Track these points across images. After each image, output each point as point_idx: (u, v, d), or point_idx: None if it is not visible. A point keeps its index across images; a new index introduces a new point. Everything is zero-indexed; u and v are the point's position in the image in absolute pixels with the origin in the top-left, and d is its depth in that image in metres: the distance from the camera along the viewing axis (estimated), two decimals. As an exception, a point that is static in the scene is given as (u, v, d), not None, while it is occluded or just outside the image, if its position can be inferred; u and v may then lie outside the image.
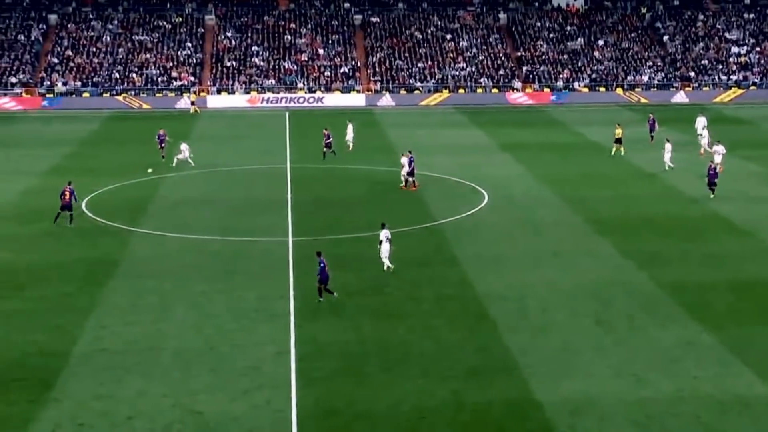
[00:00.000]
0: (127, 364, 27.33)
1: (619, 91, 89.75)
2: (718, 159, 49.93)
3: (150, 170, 50.77)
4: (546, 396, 25.18)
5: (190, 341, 29.13)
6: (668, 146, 54.15)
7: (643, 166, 56.14)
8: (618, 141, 59.20)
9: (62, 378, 26.29)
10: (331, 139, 59.19)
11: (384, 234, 35.74)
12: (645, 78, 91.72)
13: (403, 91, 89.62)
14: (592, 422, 23.71)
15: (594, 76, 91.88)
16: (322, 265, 32.13)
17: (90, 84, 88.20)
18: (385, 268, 35.55)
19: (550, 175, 53.39)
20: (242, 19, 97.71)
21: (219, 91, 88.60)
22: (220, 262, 37.50)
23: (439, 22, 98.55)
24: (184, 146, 57.07)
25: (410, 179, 49.81)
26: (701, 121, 62.06)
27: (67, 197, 42.60)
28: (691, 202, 46.31)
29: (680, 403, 24.68)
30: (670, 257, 37.70)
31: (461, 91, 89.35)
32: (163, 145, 60.20)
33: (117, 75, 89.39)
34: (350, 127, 62.38)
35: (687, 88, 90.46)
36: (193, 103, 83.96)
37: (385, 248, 35.57)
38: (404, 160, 50.01)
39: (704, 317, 30.86)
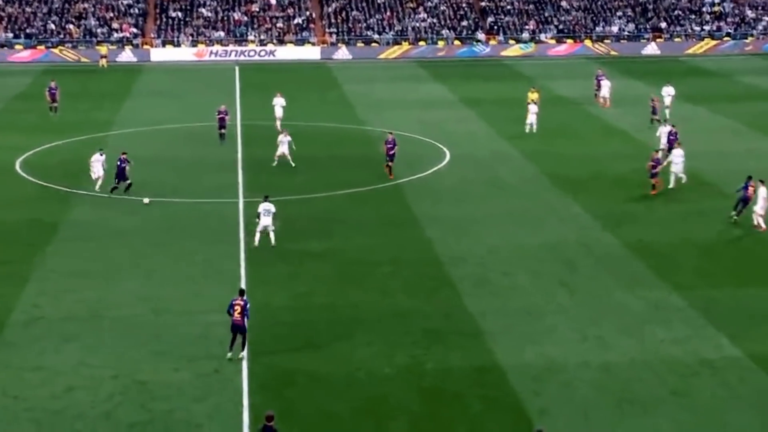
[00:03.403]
0: (66, 333, 27.19)
1: (588, 42, 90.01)
2: (663, 141, 46.43)
3: (146, 201, 39.72)
4: (509, 361, 25.49)
5: (134, 308, 29.05)
6: (531, 107, 53.59)
7: (612, 123, 56.52)
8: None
9: (-3, 349, 26.14)
10: (228, 116, 51.80)
11: (264, 207, 34.09)
12: (615, 29, 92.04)
13: (360, 44, 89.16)
14: (556, 387, 24.07)
15: (561, 27, 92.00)
16: (230, 306, 25.38)
17: (23, 36, 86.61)
18: (257, 243, 33.88)
19: (515, 131, 53.56)
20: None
21: (164, 44, 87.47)
22: (166, 224, 37.31)
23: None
24: (97, 158, 42.47)
25: (391, 164, 43.83)
26: (668, 91, 57.60)
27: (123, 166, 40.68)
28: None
29: (646, 367, 25.10)
30: (637, 217, 38.14)
31: (422, 43, 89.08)
32: (55, 99, 58.89)
33: (53, 26, 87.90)
34: (279, 101, 54.53)
35: (658, 40, 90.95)
36: (103, 56, 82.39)
37: (264, 221, 33.91)
38: (283, 138, 45.86)
39: (673, 279, 31.32)
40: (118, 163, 40.77)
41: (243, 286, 30.58)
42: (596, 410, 22.94)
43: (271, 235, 34.12)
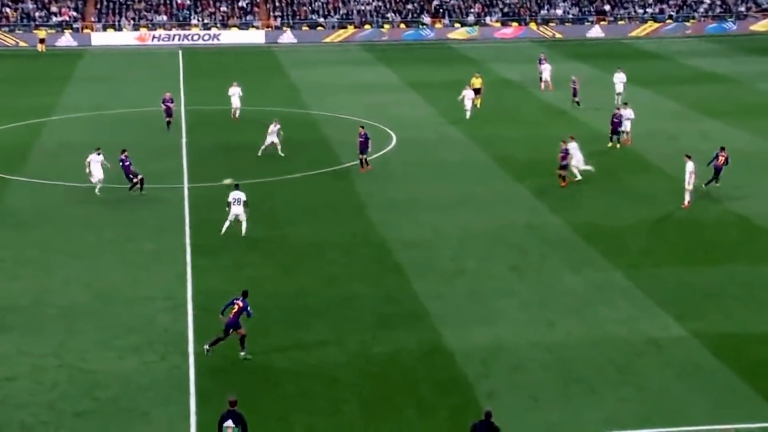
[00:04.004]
0: (8, 322, 26.78)
1: (533, 25, 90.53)
2: (627, 126, 46.53)
3: (228, 181, 36.12)
4: (458, 344, 25.62)
5: (78, 297, 28.70)
6: (466, 92, 53.18)
7: (557, 106, 56.94)
8: (476, 91, 55.21)
9: (-64, 339, 25.67)
10: (173, 104, 50.73)
11: (234, 195, 33.25)
12: (559, 12, 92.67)
13: (305, 28, 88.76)
14: (504, 369, 24.25)
15: (506, 10, 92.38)
16: (230, 303, 24.93)
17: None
18: (223, 230, 33.08)
19: (461, 115, 53.66)
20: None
21: (104, 28, 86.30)
22: (109, 211, 36.91)
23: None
24: (95, 158, 39.05)
25: (363, 157, 42.26)
26: (620, 77, 56.20)
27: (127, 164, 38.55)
28: (605, 142, 47.05)
29: (593, 347, 25.41)
30: (584, 199, 38.51)
31: (367, 27, 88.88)
32: None
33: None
34: (236, 91, 52.78)
35: (602, 22, 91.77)
36: (41, 41, 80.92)
37: (235, 210, 33.14)
38: (273, 128, 44.61)
39: (618, 259, 31.71)
40: (121, 163, 38.49)
41: (189, 272, 30.46)
42: (544, 391, 23.17)
43: (243, 225, 33.28)
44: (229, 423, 19.36)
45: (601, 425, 21.65)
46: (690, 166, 36.80)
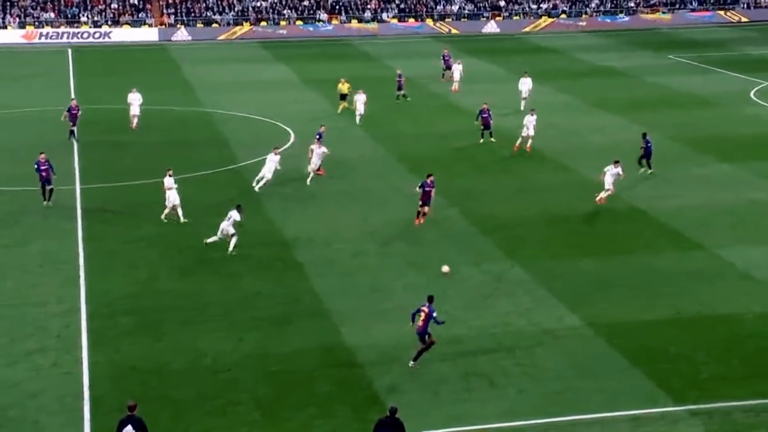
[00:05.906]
0: None
1: (429, 21, 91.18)
2: (530, 131, 44.67)
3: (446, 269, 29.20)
4: (358, 341, 25.66)
5: (-36, 304, 27.85)
6: (359, 97, 51.31)
7: (454, 101, 57.45)
8: (343, 97, 53.90)
9: None
10: (78, 112, 47.13)
11: (231, 216, 31.64)
12: (455, 8, 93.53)
13: (199, 25, 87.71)
14: (405, 364, 24.32)
15: (403, 6, 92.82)
16: (417, 310, 24.24)
17: None
18: (208, 243, 32.14)
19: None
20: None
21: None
22: (-4, 215, 35.92)
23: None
24: (170, 182, 35.40)
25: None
26: (526, 83, 55.16)
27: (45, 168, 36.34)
28: (503, 138, 47.60)
29: (492, 339, 25.73)
30: (482, 193, 38.97)
31: (263, 23, 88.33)
32: None
33: None
34: (135, 98, 49.94)
35: (497, 18, 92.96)
36: None
37: (223, 225, 31.69)
38: (317, 148, 40.41)
39: (516, 252, 32.17)
40: (37, 166, 36.65)
41: (82, 275, 29.85)
42: (445, 384, 23.35)
43: (232, 240, 31.62)
44: (129, 429, 18.96)
45: (502, 417, 21.93)
46: (618, 169, 37.00)
